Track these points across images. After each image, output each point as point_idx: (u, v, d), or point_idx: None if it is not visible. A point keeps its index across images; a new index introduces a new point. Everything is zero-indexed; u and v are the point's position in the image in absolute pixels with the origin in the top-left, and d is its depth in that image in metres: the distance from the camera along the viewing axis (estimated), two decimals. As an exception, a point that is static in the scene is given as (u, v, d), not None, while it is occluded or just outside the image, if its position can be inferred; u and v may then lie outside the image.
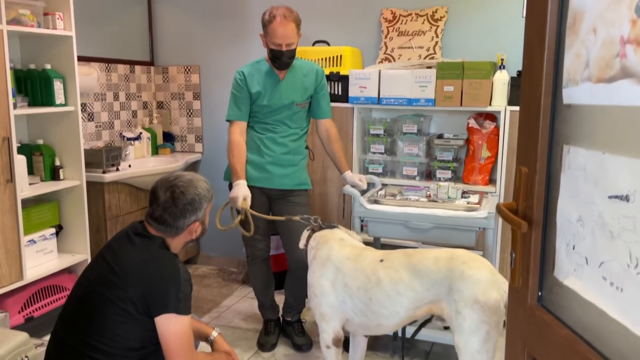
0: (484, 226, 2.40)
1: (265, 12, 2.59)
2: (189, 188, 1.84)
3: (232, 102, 2.72)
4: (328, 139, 2.83)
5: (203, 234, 1.97)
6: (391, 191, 2.82)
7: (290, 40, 2.57)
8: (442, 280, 1.95)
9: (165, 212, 1.81)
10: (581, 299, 0.93)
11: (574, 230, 0.96)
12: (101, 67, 3.61)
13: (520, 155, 1.13)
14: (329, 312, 2.16)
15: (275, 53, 2.60)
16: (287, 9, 2.57)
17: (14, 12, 2.62)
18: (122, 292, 1.70)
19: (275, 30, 2.54)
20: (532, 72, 1.08)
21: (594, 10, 0.89)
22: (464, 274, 1.91)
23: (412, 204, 2.56)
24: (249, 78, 2.69)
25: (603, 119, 0.89)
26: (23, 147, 2.87)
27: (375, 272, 2.06)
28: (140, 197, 3.47)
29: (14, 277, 2.63)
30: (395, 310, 2.04)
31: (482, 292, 1.87)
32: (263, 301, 2.96)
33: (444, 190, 2.62)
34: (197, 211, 1.85)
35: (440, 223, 2.44)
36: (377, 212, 2.54)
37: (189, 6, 3.96)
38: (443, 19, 3.30)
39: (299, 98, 2.72)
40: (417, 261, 2.02)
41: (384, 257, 2.11)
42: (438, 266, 1.97)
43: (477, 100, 2.92)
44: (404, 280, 2.01)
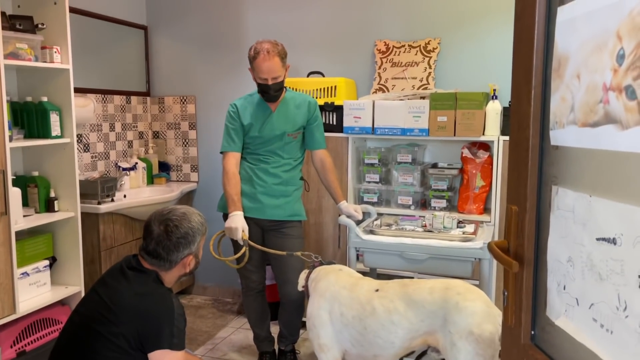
0: (479, 257, 2.40)
1: (251, 48, 2.66)
2: (183, 222, 1.85)
3: (225, 134, 2.76)
4: (323, 168, 2.85)
5: (196, 267, 1.97)
6: (387, 221, 2.82)
7: (275, 74, 2.62)
8: (437, 311, 1.95)
9: (158, 246, 1.81)
10: (573, 339, 0.94)
11: (565, 270, 0.96)
12: (97, 98, 3.64)
13: (510, 194, 1.14)
14: (327, 343, 2.16)
15: (262, 87, 2.66)
16: (271, 44, 2.62)
17: (11, 46, 2.65)
18: (116, 328, 1.69)
19: (260, 66, 2.60)
20: (520, 113, 1.10)
21: (578, 56, 0.91)
22: (458, 305, 1.90)
23: (408, 234, 2.56)
24: (242, 110, 2.74)
25: (589, 162, 0.90)
26: (18, 179, 2.87)
27: (370, 301, 2.07)
28: (136, 228, 3.46)
29: (7, 311, 2.60)
30: (390, 341, 2.02)
31: (477, 324, 1.86)
32: (258, 333, 2.94)
33: (440, 220, 2.63)
34: (191, 245, 1.86)
35: (435, 254, 2.45)
36: (373, 243, 2.54)
37: (185, 37, 4.02)
38: (436, 50, 3.36)
39: (290, 129, 2.74)
40: (412, 291, 2.02)
41: (380, 286, 2.11)
42: (433, 297, 1.97)
43: (471, 130, 2.95)
44: (398, 310, 2.00)
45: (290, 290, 2.74)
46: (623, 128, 0.79)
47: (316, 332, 2.19)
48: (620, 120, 0.79)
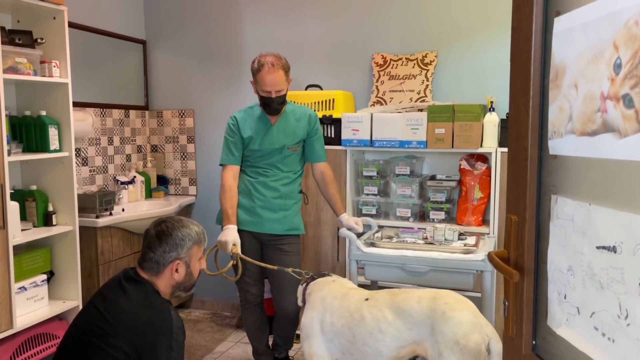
0: (481, 269, 2.38)
1: (254, 61, 2.65)
2: (176, 225, 1.87)
3: (225, 146, 2.76)
4: (323, 181, 2.85)
5: (191, 284, 1.94)
6: (387, 233, 2.82)
7: (279, 87, 2.62)
8: (425, 320, 1.96)
9: (149, 248, 1.86)
10: (574, 348, 0.93)
11: (565, 279, 0.96)
12: (96, 112, 3.65)
13: (509, 203, 1.14)
14: (319, 353, 2.18)
15: (265, 100, 2.65)
16: (275, 57, 2.62)
17: (10, 60, 2.66)
18: (114, 340, 1.68)
19: (264, 78, 2.59)
20: (518, 123, 1.10)
21: (575, 66, 0.92)
22: (445, 315, 1.91)
23: (409, 246, 2.55)
24: (242, 123, 2.74)
25: (588, 170, 0.91)
26: (16, 193, 2.87)
27: (359, 310, 2.09)
28: (134, 242, 3.45)
29: (4, 326, 2.58)
30: (378, 349, 2.04)
31: (463, 334, 1.87)
32: (257, 347, 2.92)
33: (441, 232, 2.62)
34: (178, 247, 1.85)
35: (437, 266, 2.43)
36: (374, 255, 2.54)
37: (183, 52, 4.04)
38: (433, 63, 3.38)
39: (290, 142, 2.75)
40: (400, 300, 2.03)
41: (370, 296, 2.13)
42: (421, 306, 1.98)
43: (468, 142, 2.96)
44: (387, 319, 2.02)
45: (286, 304, 2.74)
46: (621, 136, 0.79)
47: (308, 342, 2.21)
48: (619, 129, 0.80)
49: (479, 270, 2.39)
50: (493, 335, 1.91)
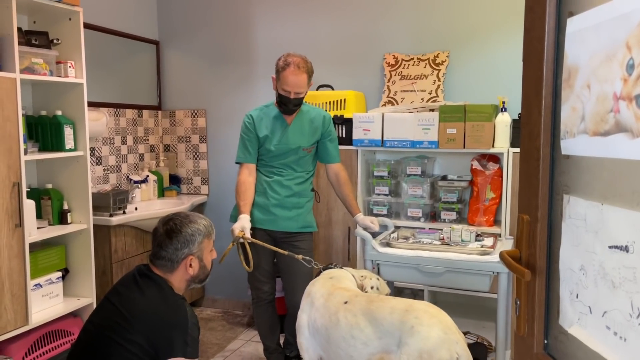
0: (497, 270, 2.36)
1: (281, 58, 2.67)
2: (184, 221, 1.89)
3: (241, 145, 2.79)
4: (338, 182, 2.87)
5: (205, 275, 1.97)
6: (404, 234, 2.81)
7: (299, 89, 2.64)
8: (394, 331, 1.95)
9: (160, 246, 1.86)
10: (586, 347, 0.94)
11: (577, 279, 0.97)
12: (110, 112, 3.69)
13: (522, 203, 1.15)
14: (305, 344, 2.25)
15: (282, 98, 2.67)
16: (302, 59, 2.65)
17: (27, 61, 2.71)
18: (130, 336, 1.70)
19: (287, 78, 2.61)
20: (531, 123, 1.11)
21: (588, 67, 0.93)
22: (413, 329, 1.90)
23: (425, 247, 2.54)
24: (257, 122, 2.76)
25: (600, 170, 0.91)
26: (32, 192, 2.91)
27: (337, 312, 2.10)
28: (147, 240, 3.48)
29: (19, 322, 2.62)
30: (349, 354, 2.05)
31: (427, 349, 1.85)
32: (268, 345, 2.94)
33: (457, 233, 2.61)
34: (190, 244, 1.87)
35: (453, 267, 2.42)
36: (390, 256, 2.53)
37: (195, 52, 4.07)
38: (445, 63, 3.38)
39: (305, 143, 2.77)
40: (375, 308, 2.03)
41: (350, 299, 2.13)
42: (392, 317, 1.97)
43: (480, 143, 2.96)
44: (359, 326, 2.02)
45: (298, 301, 2.75)
46: (634, 136, 0.80)
47: (299, 332, 2.28)
48: (631, 129, 0.80)
49: (495, 272, 2.37)
50: (463, 353, 1.87)
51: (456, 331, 1.93)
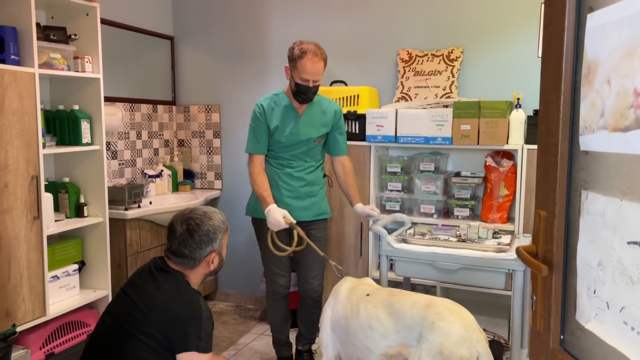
0: (513, 268, 2.34)
1: (295, 47, 2.63)
2: (204, 220, 1.90)
3: (251, 135, 2.76)
4: (344, 172, 2.88)
5: (221, 266, 2.01)
6: (420, 230, 2.81)
7: (318, 77, 2.63)
8: (414, 326, 1.96)
9: (182, 245, 1.86)
10: (603, 343, 0.94)
11: (595, 274, 0.97)
12: (125, 107, 3.73)
13: (539, 199, 1.15)
14: (325, 339, 2.28)
15: (301, 88, 2.64)
16: (316, 46, 2.62)
17: (45, 56, 2.74)
18: (146, 328, 1.73)
19: (305, 66, 2.57)
20: (549, 119, 1.11)
21: (608, 62, 0.92)
22: (434, 325, 1.91)
23: (441, 243, 2.53)
24: (268, 111, 2.74)
25: (620, 166, 0.91)
26: (50, 185, 2.95)
27: (358, 304, 2.13)
28: (161, 234, 3.52)
29: (37, 313, 2.67)
30: (366, 345, 2.07)
31: (448, 346, 1.85)
32: (279, 338, 2.96)
33: (474, 230, 2.60)
34: (213, 242, 1.90)
35: (468, 264, 2.42)
36: (405, 252, 2.54)
37: (210, 48, 4.09)
38: (459, 59, 3.37)
39: (315, 134, 2.76)
40: (396, 302, 2.05)
41: (372, 292, 2.17)
42: (412, 311, 1.99)
43: (494, 139, 2.95)
44: (378, 317, 2.05)
45: (312, 287, 2.82)
46: (654, 132, 0.80)
47: (320, 328, 2.32)
48: (652, 125, 0.80)
49: (511, 270, 2.36)
50: (484, 352, 1.87)
51: (477, 329, 1.92)
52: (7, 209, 2.48)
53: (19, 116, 2.51)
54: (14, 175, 2.51)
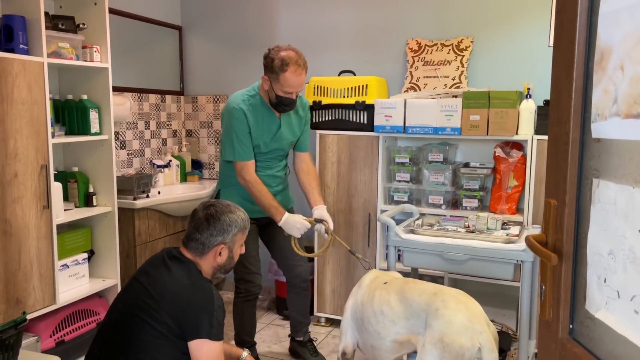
0: (522, 259, 2.33)
1: (275, 57, 2.46)
2: (225, 210, 1.92)
3: (236, 141, 2.56)
4: (307, 171, 2.81)
5: (231, 267, 2.00)
6: (428, 221, 2.80)
7: (301, 88, 2.54)
8: (421, 313, 1.98)
9: (196, 229, 1.90)
10: (613, 332, 0.93)
11: (605, 263, 0.96)
12: (134, 97, 3.73)
13: (549, 188, 1.14)
14: (345, 327, 2.32)
15: (283, 100, 2.54)
16: (297, 55, 2.47)
17: (54, 45, 2.75)
18: (158, 315, 1.74)
19: (289, 80, 2.46)
20: (560, 107, 1.09)
21: (621, 48, 0.91)
22: (437, 312, 1.92)
23: (449, 234, 2.52)
24: (249, 116, 2.58)
25: (632, 153, 0.90)
26: (59, 175, 2.97)
27: (374, 290, 2.18)
28: (169, 224, 3.53)
29: (47, 301, 2.69)
30: (377, 331, 2.10)
31: (449, 334, 1.86)
32: (247, 340, 2.91)
33: (483, 221, 2.59)
34: (225, 233, 1.90)
35: (476, 255, 2.40)
36: (413, 242, 2.53)
37: (218, 38, 4.08)
38: (468, 48, 3.34)
39: (294, 137, 2.77)
40: (407, 289, 2.09)
41: (390, 281, 2.21)
42: (420, 298, 2.01)
43: (504, 129, 2.92)
44: (390, 303, 2.08)
45: (300, 271, 2.84)
46: (668, 118, 0.78)
47: (343, 316, 2.36)
48: (666, 111, 0.79)
49: (520, 261, 2.35)
50: (487, 344, 1.86)
51: (483, 321, 1.92)
52: (17, 197, 2.50)
53: (28, 105, 2.52)
54: (24, 164, 2.52)
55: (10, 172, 2.46)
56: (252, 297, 2.82)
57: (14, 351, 1.99)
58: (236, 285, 2.82)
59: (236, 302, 2.86)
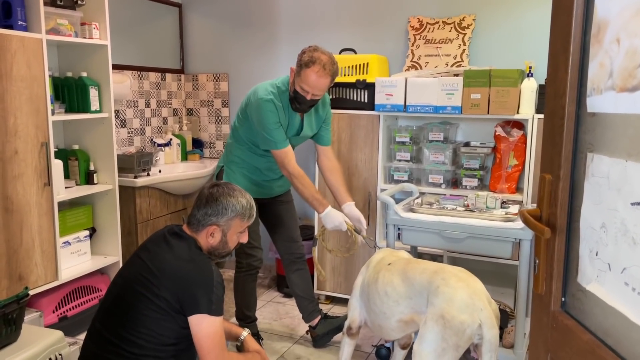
0: (520, 237, 2.35)
1: (305, 51, 2.44)
2: (227, 193, 1.91)
3: (274, 129, 2.50)
4: (331, 168, 2.76)
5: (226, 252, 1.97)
6: (428, 200, 2.81)
7: (319, 92, 2.46)
8: (422, 291, 1.99)
9: (197, 206, 1.92)
10: (604, 304, 0.94)
11: (597, 237, 0.97)
12: (134, 75, 3.72)
13: (544, 162, 1.14)
14: (353, 304, 2.34)
15: (298, 96, 2.48)
16: (329, 59, 2.42)
17: (52, 22, 2.73)
18: (157, 290, 1.76)
19: (309, 77, 2.40)
20: (557, 81, 1.09)
21: (618, 21, 0.90)
22: (438, 290, 1.93)
23: (448, 213, 2.53)
24: (279, 110, 2.54)
25: (626, 127, 0.90)
26: (60, 152, 2.98)
27: (379, 271, 2.19)
28: (170, 202, 3.55)
29: (49, 277, 2.72)
30: (382, 311, 2.12)
31: (450, 310, 1.87)
32: (248, 315, 2.93)
33: (482, 199, 2.59)
34: (219, 215, 1.88)
35: (475, 233, 2.42)
36: (412, 221, 2.55)
37: (218, 15, 4.05)
38: (470, 27, 3.31)
39: (313, 133, 2.75)
40: (409, 269, 2.09)
41: (392, 261, 2.22)
42: (421, 277, 2.02)
43: (505, 108, 2.91)
44: (393, 283, 2.09)
45: (300, 244, 2.88)
46: (662, 91, 0.78)
47: (353, 292, 2.38)
48: (660, 83, 0.79)
49: (518, 239, 2.36)
50: (487, 321, 1.87)
51: (484, 298, 1.92)
52: (17, 175, 2.51)
53: (27, 82, 2.52)
54: (24, 141, 2.53)
55: (10, 149, 2.47)
56: (254, 271, 2.84)
57: (17, 325, 2.02)
58: (237, 259, 2.85)
59: (237, 276, 2.88)
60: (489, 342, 1.87)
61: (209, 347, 1.76)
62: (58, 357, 2.10)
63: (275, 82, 2.60)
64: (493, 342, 1.87)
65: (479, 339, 1.89)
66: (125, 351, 1.75)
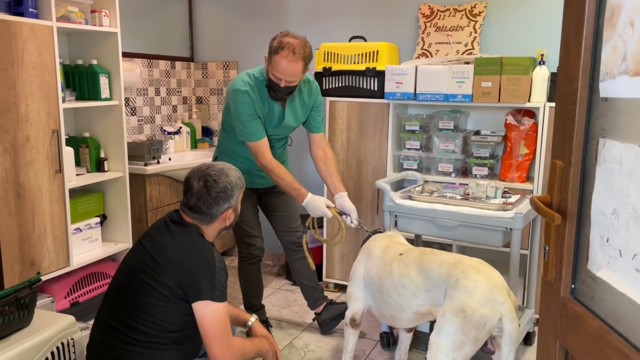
0: (510, 226, 2.34)
1: (275, 38, 2.38)
2: (221, 176, 1.90)
3: (247, 121, 2.46)
4: (324, 157, 2.70)
5: (236, 221, 2.03)
6: (430, 188, 2.81)
7: (292, 78, 2.37)
8: (441, 284, 1.97)
9: (199, 201, 1.88)
10: (614, 290, 0.94)
11: (608, 223, 0.96)
12: (143, 63, 3.73)
13: (555, 148, 1.13)
14: (355, 294, 2.31)
15: (272, 84, 2.42)
16: (300, 43, 2.34)
17: (63, 9, 2.74)
18: (160, 278, 1.77)
19: (279, 63, 2.33)
20: (569, 66, 1.08)
21: (632, 4, 0.89)
22: (458, 283, 1.91)
23: (443, 200, 2.54)
24: (255, 101, 2.48)
25: (639, 112, 0.89)
26: (70, 140, 3.00)
27: (391, 263, 2.16)
28: (180, 190, 3.55)
29: (61, 264, 2.75)
30: (399, 304, 2.10)
31: (470, 304, 1.85)
32: (255, 303, 2.94)
33: (482, 188, 2.59)
34: (230, 199, 1.91)
35: (466, 221, 2.42)
36: (406, 208, 2.56)
37: (228, 3, 4.04)
38: (482, 14, 3.27)
39: (297, 122, 2.68)
40: (426, 260, 2.06)
41: (405, 252, 2.18)
42: (440, 269, 2.00)
43: (516, 97, 2.89)
44: (410, 276, 2.07)
45: (299, 232, 2.85)
46: (677, 74, 0.77)
47: (351, 282, 2.35)
48: (674, 66, 0.78)
49: (509, 228, 2.35)
50: (507, 314, 1.85)
51: (504, 291, 1.90)
52: (29, 161, 2.53)
53: (38, 70, 2.53)
54: (35, 128, 2.55)
55: (22, 136, 2.49)
56: (255, 259, 2.84)
57: (29, 310, 2.04)
58: (238, 249, 2.87)
59: (240, 266, 2.90)
60: (509, 336, 1.84)
61: (213, 333, 1.77)
62: (70, 341, 2.12)
63: (253, 72, 2.53)
64: (513, 335, 1.85)
65: (497, 332, 1.88)
66: (130, 338, 1.77)
